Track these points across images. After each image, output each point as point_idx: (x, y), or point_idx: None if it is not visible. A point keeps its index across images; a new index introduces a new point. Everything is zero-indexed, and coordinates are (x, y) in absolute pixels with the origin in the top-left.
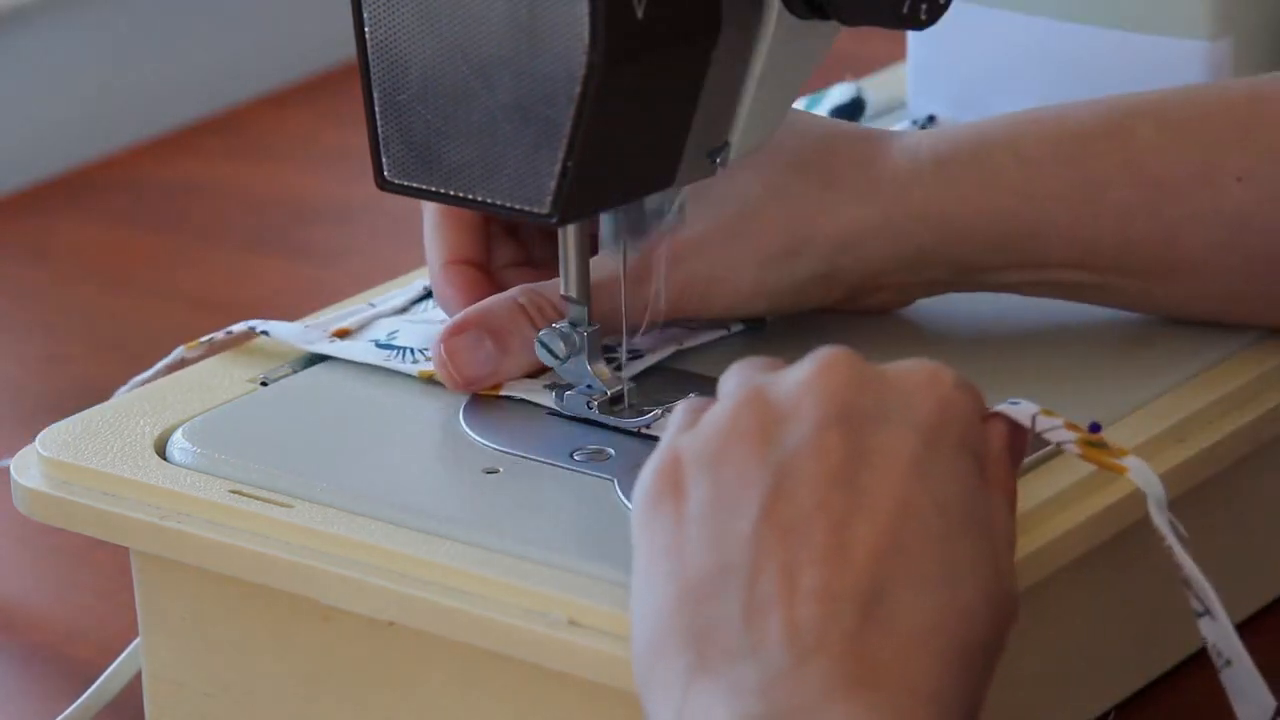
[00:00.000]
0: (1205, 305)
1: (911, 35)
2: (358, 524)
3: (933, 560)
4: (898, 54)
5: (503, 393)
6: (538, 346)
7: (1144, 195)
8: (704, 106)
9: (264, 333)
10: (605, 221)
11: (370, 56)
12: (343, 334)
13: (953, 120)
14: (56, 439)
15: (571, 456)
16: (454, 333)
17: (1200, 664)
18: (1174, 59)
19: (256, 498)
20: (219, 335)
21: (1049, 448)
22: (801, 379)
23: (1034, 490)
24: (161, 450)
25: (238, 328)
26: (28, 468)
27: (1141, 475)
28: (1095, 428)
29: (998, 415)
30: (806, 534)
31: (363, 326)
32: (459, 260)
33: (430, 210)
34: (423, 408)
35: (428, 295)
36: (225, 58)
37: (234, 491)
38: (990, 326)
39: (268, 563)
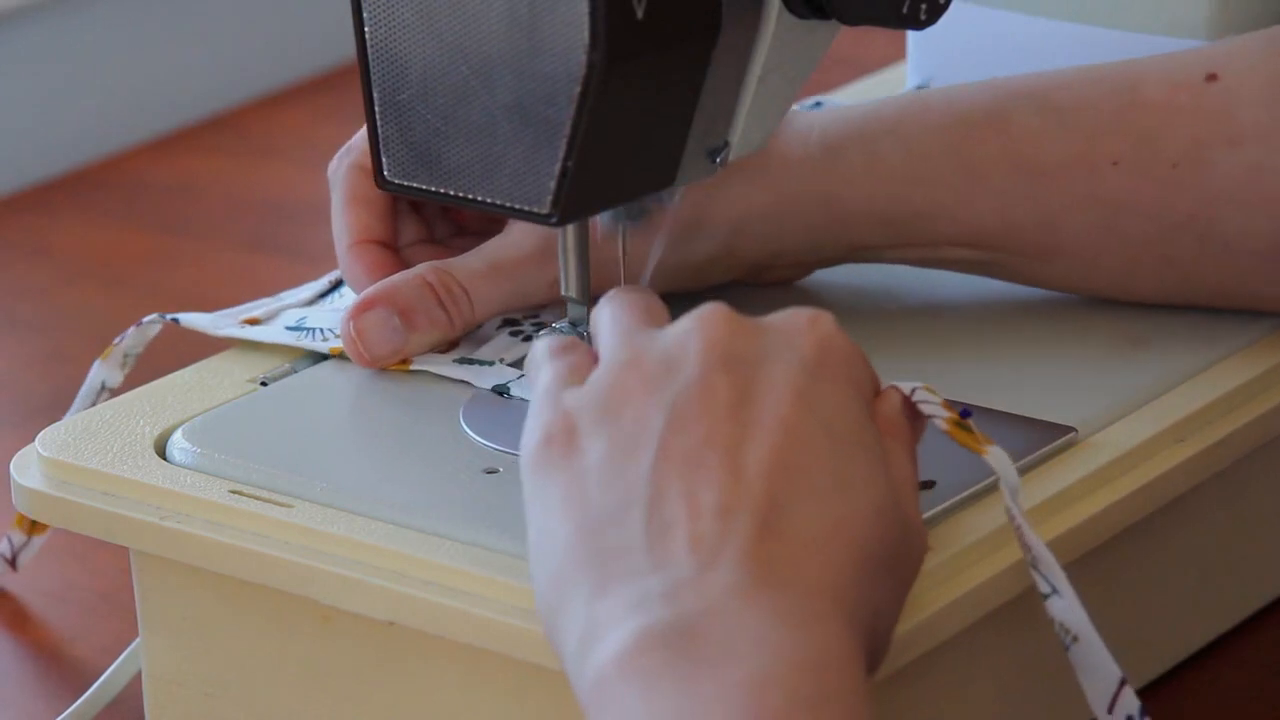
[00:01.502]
0: (1093, 285)
1: (911, 35)
2: (358, 524)
3: (823, 474)
4: (898, 54)
5: (413, 367)
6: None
7: (1023, 181)
8: (704, 106)
9: (174, 320)
10: (604, 215)
11: (370, 56)
12: (253, 323)
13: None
14: (56, 439)
15: None
16: (361, 309)
17: (1200, 665)
18: None
19: (256, 498)
20: (129, 333)
21: (1038, 453)
22: (682, 331)
23: (1030, 492)
24: (161, 450)
25: (147, 319)
26: (28, 468)
27: (999, 461)
28: (966, 413)
29: (891, 387)
30: (701, 461)
31: (272, 316)
32: (366, 240)
33: (337, 191)
34: (423, 408)
35: (333, 289)
36: (225, 58)
37: (234, 491)
38: (990, 326)
39: (267, 563)
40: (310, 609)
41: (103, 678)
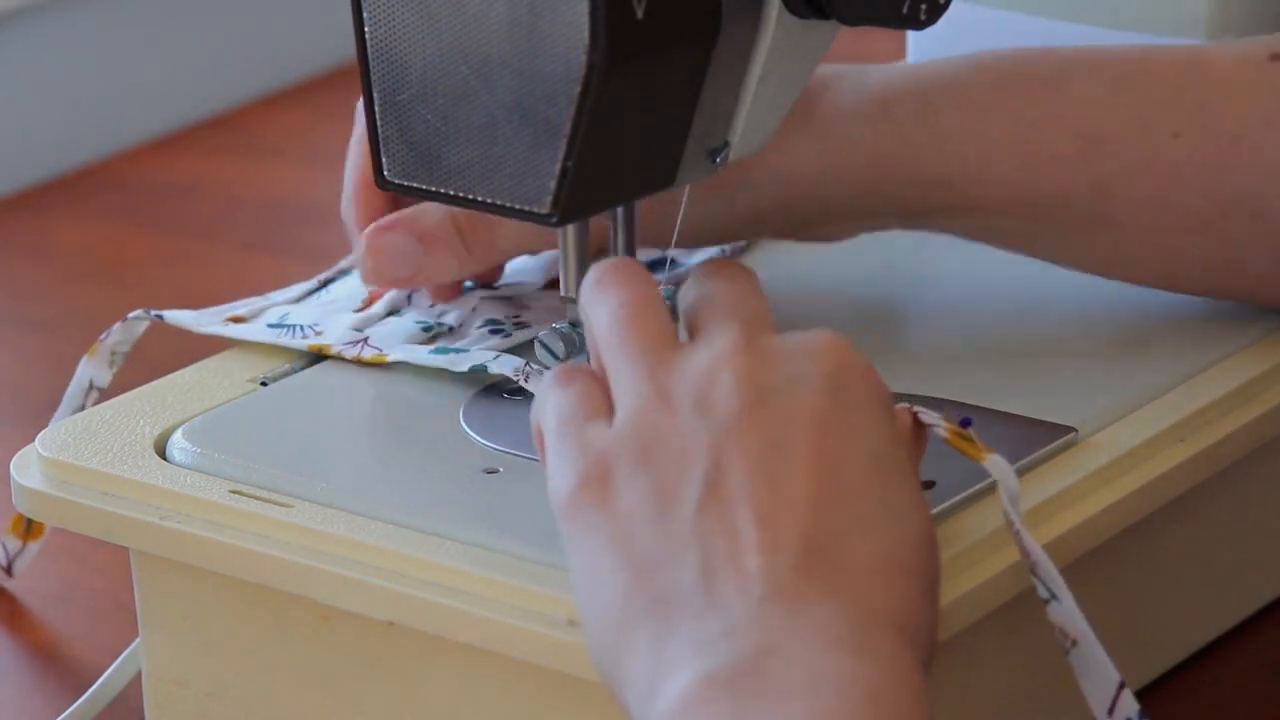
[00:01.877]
0: (1131, 262)
1: (911, 35)
2: (358, 524)
3: (870, 500)
4: (898, 54)
5: (390, 358)
6: (537, 347)
7: (1080, 146)
8: (704, 106)
9: (158, 316)
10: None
11: (370, 56)
12: (237, 321)
13: None
14: (56, 439)
15: None
16: (382, 231)
17: (1200, 665)
18: None
19: (256, 498)
20: (115, 329)
21: (1038, 453)
22: (709, 363)
23: (1030, 492)
24: (161, 450)
25: (132, 315)
26: (28, 468)
27: (998, 468)
28: (966, 422)
29: (901, 406)
30: (748, 499)
31: (256, 314)
32: (371, 184)
33: (356, 136)
34: (423, 408)
35: (321, 287)
36: (225, 58)
37: (234, 491)
38: (990, 327)
39: (268, 563)
40: (310, 609)
41: (103, 678)
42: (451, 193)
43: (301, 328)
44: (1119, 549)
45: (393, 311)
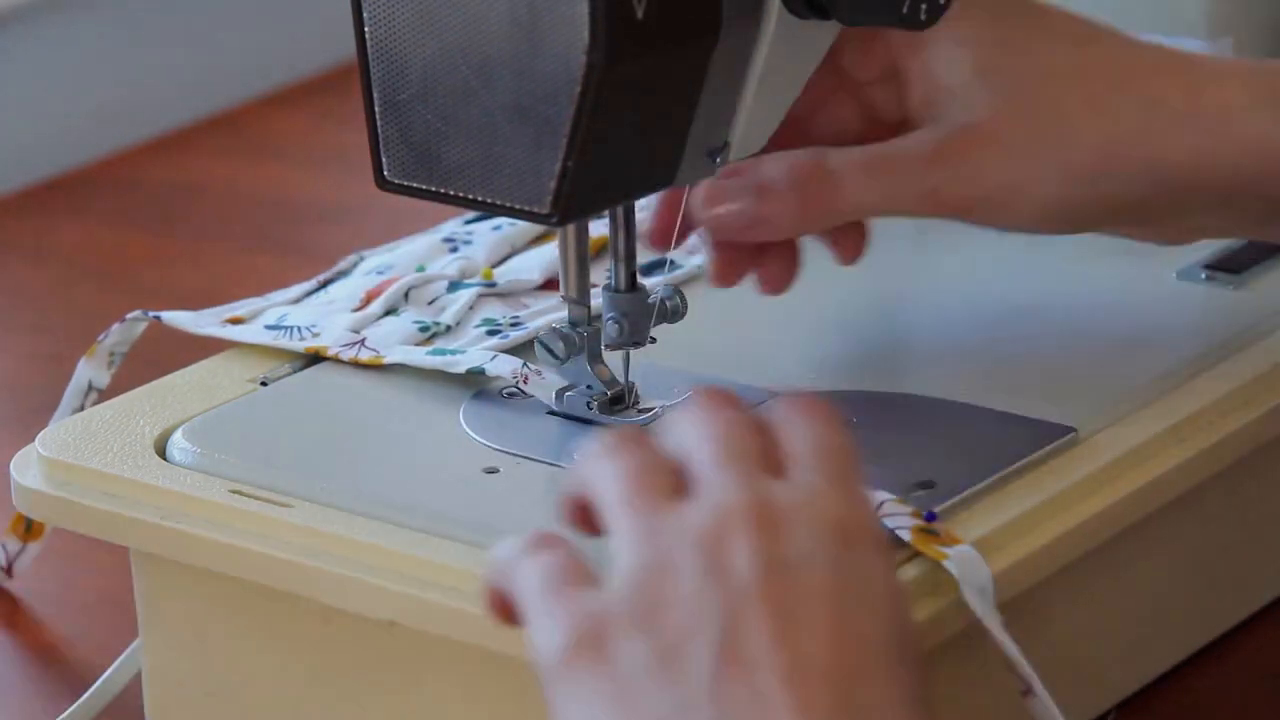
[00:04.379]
0: None
1: None
2: (358, 524)
3: (896, 688)
4: None
5: (386, 360)
6: (537, 347)
7: None
8: (704, 106)
9: (156, 317)
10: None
11: (370, 56)
12: (236, 321)
13: None
14: (56, 439)
15: (572, 456)
16: (724, 175)
17: (1201, 664)
18: None
19: (256, 498)
20: (113, 329)
21: (1038, 453)
22: (714, 528)
23: (1032, 491)
24: (161, 450)
25: (130, 316)
26: (28, 468)
27: (962, 565)
28: (930, 516)
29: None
30: (769, 664)
31: (255, 315)
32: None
33: None
34: (423, 408)
35: (320, 287)
36: (225, 58)
37: (234, 491)
38: (990, 327)
39: (268, 563)
40: (310, 609)
41: (103, 678)
42: (451, 193)
43: (299, 329)
44: (1119, 549)
45: (390, 311)
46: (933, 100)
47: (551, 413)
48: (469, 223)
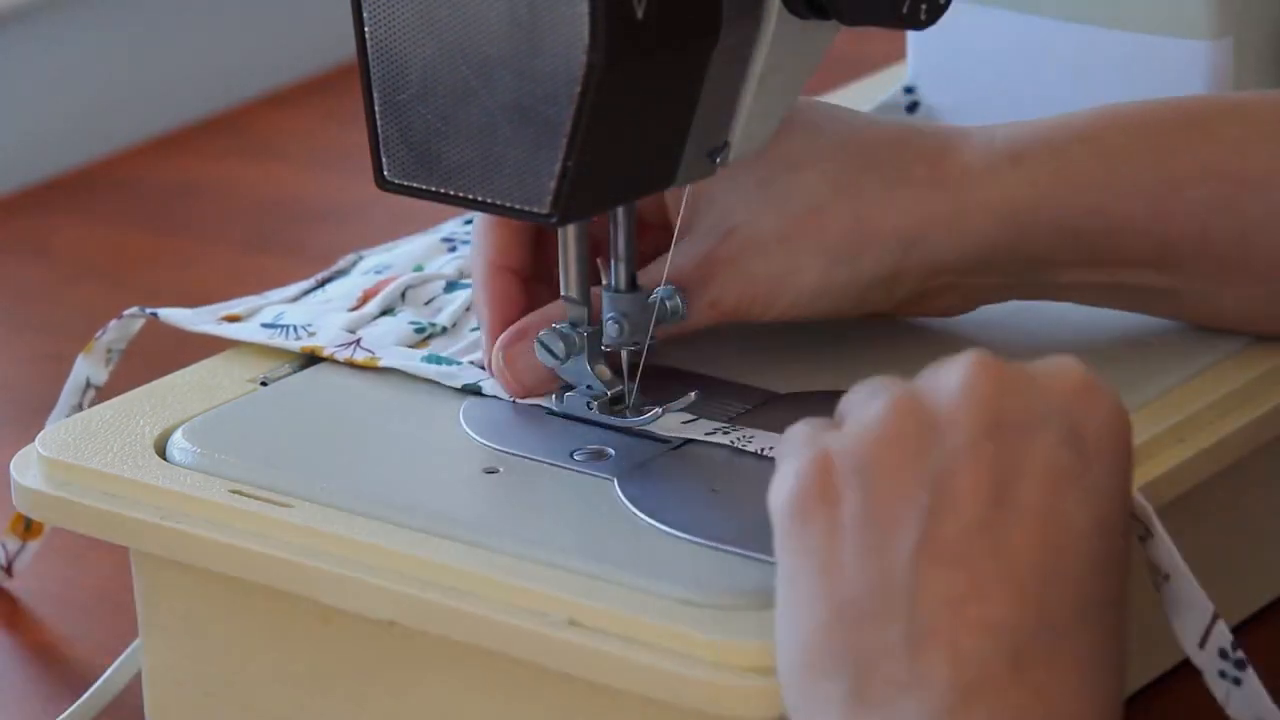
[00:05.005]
0: (1273, 314)
1: (911, 35)
2: (358, 524)
3: (1098, 585)
4: (898, 54)
5: (381, 363)
6: (537, 346)
7: (1223, 192)
8: (704, 106)
9: (153, 314)
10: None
11: (370, 56)
12: (233, 319)
13: (937, 103)
14: (56, 439)
15: (571, 456)
16: (513, 340)
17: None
18: (1174, 59)
19: (256, 498)
20: (111, 326)
21: None
22: (951, 384)
23: None
24: (161, 450)
25: (128, 312)
26: (28, 468)
27: None
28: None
29: None
30: (968, 558)
31: (252, 313)
32: (502, 266)
33: (481, 218)
34: (423, 408)
35: (318, 286)
36: (225, 58)
37: (234, 491)
38: (989, 328)
39: (267, 563)
40: (310, 609)
41: (103, 678)
42: (451, 193)
43: (295, 328)
44: None
45: (386, 311)
46: (691, 207)
47: (551, 413)
48: (469, 223)
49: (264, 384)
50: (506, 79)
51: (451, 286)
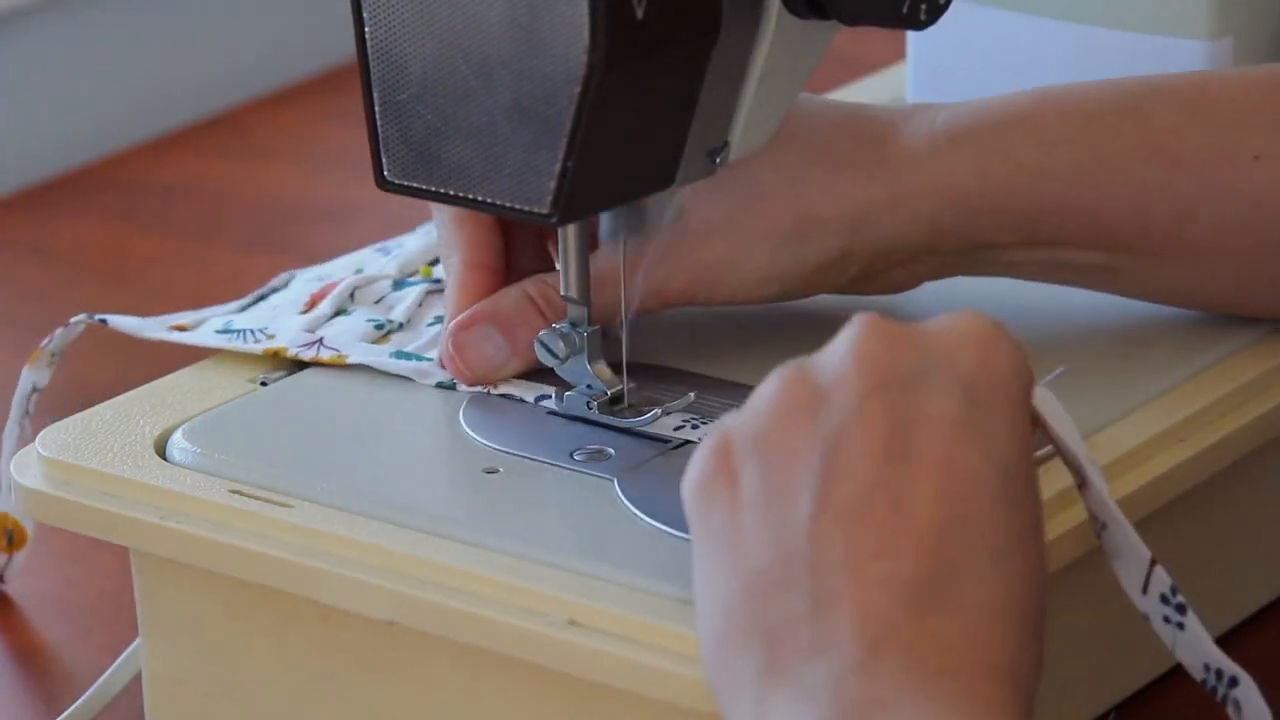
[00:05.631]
0: (1210, 291)
1: (911, 35)
2: (358, 524)
3: (998, 529)
4: (898, 54)
5: (349, 360)
6: (538, 346)
7: (1161, 173)
8: (704, 106)
9: (102, 321)
10: (604, 219)
11: (370, 56)
12: (181, 330)
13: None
14: (56, 439)
15: (571, 456)
16: (463, 327)
17: None
18: (1174, 59)
19: (256, 498)
20: (57, 334)
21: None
22: (839, 350)
23: None
24: (161, 450)
25: (74, 320)
26: (28, 468)
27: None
28: None
29: None
30: (865, 516)
31: (198, 323)
32: (475, 263)
33: (447, 212)
34: (422, 408)
35: (257, 301)
36: (225, 58)
37: (234, 491)
38: None
39: (267, 563)
40: (310, 609)
41: (103, 678)
42: (451, 193)
43: (251, 331)
44: None
45: (340, 311)
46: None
47: (551, 413)
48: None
49: (264, 384)
50: (506, 79)
51: (399, 285)
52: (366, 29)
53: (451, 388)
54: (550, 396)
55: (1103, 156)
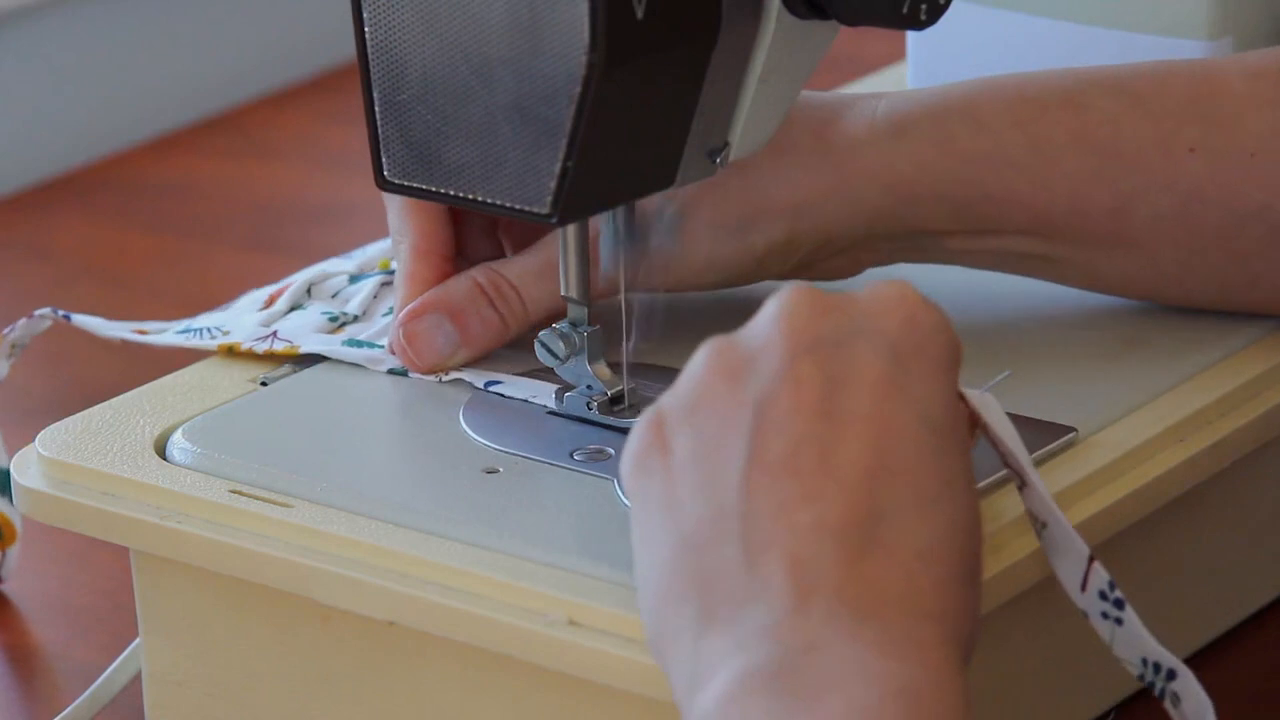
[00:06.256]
0: (1150, 280)
1: (911, 35)
2: (358, 524)
3: (926, 477)
4: (898, 54)
5: (302, 350)
6: (538, 347)
7: (1098, 164)
8: (704, 106)
9: (65, 317)
10: (604, 229)
11: (370, 56)
12: (142, 333)
13: None
14: (56, 439)
15: (571, 456)
16: (413, 316)
17: (1200, 664)
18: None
19: (256, 497)
20: (20, 324)
21: (1038, 453)
22: (767, 317)
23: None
24: (161, 450)
25: (39, 313)
26: (28, 468)
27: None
28: None
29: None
30: (795, 468)
31: (161, 331)
32: (426, 250)
33: (396, 200)
34: (423, 408)
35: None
36: (225, 58)
37: (234, 491)
38: (989, 327)
39: (267, 563)
40: (310, 609)
41: (102, 678)
42: (451, 193)
43: (209, 330)
44: (1119, 549)
45: (295, 306)
46: None
47: (552, 413)
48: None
49: (264, 384)
50: (506, 79)
51: (355, 279)
52: (366, 29)
53: (404, 374)
54: (501, 382)
55: (1040, 147)
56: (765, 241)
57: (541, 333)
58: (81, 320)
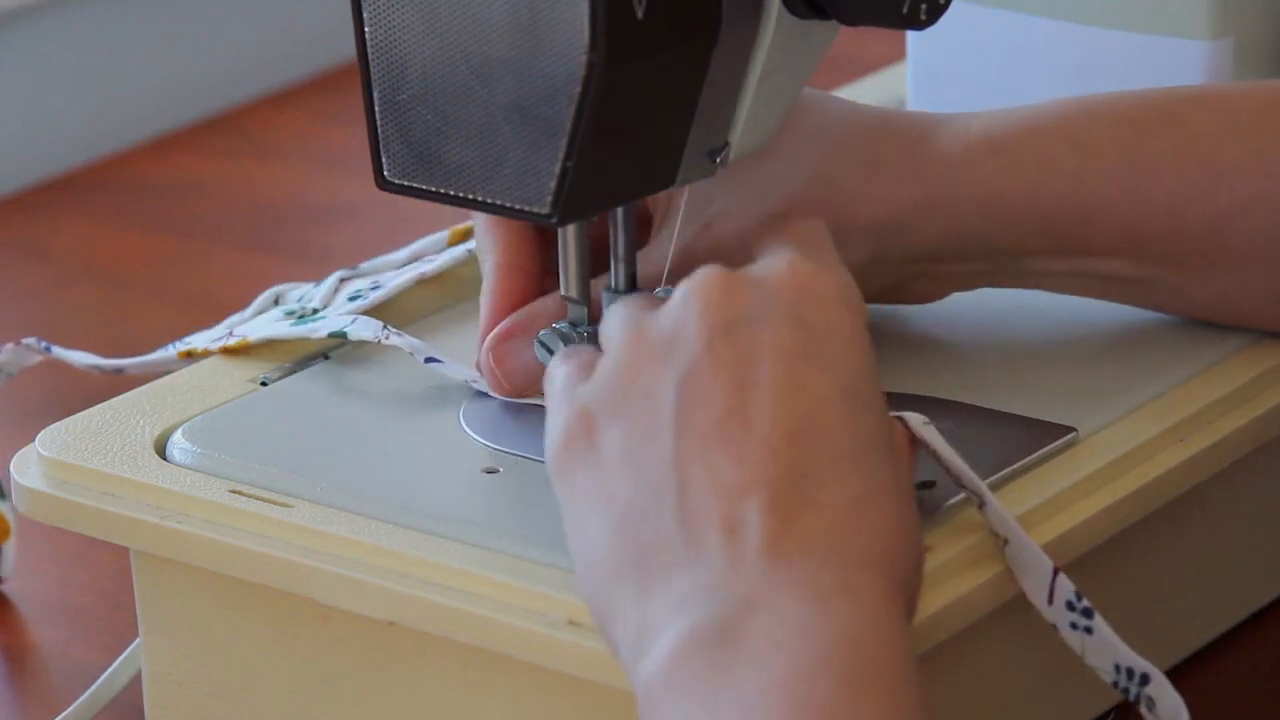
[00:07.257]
0: (1246, 304)
1: (911, 35)
2: (358, 524)
3: (845, 437)
4: (898, 54)
5: (251, 339)
6: (537, 346)
7: (1197, 181)
8: (704, 106)
9: (47, 348)
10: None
11: (370, 56)
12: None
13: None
14: (56, 439)
15: None
16: (501, 339)
17: (1200, 664)
18: (1174, 59)
19: (256, 497)
20: (7, 348)
21: (1038, 453)
22: (680, 301)
23: (1032, 491)
24: (161, 450)
25: (26, 341)
26: (28, 468)
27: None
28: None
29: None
30: (721, 437)
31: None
32: (509, 265)
33: (481, 217)
34: (423, 408)
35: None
36: (225, 58)
37: (234, 491)
38: (990, 327)
39: (267, 563)
40: (310, 609)
41: (103, 678)
42: (451, 193)
43: (174, 344)
44: (1119, 549)
45: (260, 313)
46: (672, 201)
47: None
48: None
49: (264, 384)
50: (506, 79)
51: (318, 284)
52: (366, 29)
53: (343, 336)
54: (441, 362)
55: (1139, 163)
56: (849, 261)
57: (541, 332)
58: (60, 353)
